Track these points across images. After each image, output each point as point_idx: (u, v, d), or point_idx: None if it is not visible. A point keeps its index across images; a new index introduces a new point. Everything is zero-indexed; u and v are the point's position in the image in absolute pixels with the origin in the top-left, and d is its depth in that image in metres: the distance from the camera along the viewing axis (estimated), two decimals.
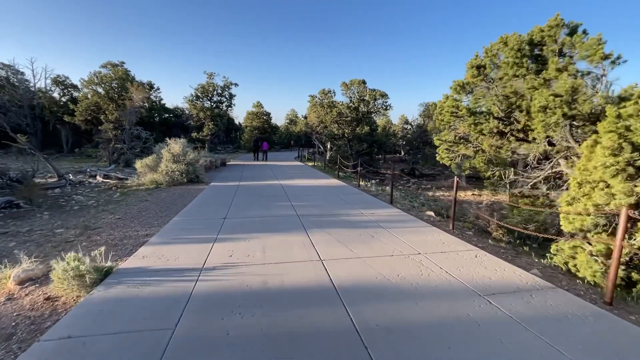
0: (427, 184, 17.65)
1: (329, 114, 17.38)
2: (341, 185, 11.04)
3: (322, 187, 10.39)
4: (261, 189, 9.91)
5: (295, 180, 12.26)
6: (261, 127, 41.75)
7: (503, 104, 5.75)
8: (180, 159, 11.68)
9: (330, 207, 7.17)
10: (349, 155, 17.70)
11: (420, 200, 10.46)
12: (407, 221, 6.14)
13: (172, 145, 11.94)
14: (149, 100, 29.64)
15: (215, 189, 9.99)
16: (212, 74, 21.28)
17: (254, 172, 15.30)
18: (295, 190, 9.68)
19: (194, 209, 6.85)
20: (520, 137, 6.11)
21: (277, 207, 7.08)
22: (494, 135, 6.32)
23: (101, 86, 20.02)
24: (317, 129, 20.13)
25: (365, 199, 8.57)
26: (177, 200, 8.38)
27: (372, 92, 17.04)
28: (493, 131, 6.15)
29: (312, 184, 11.32)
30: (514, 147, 6.19)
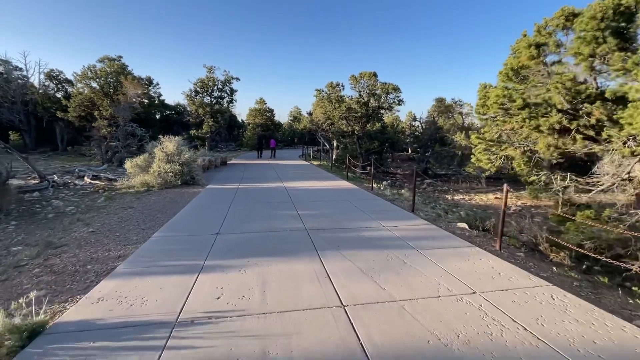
0: (443, 185, 16.49)
1: (337, 109, 16.18)
2: (352, 189, 9.94)
3: (331, 191, 9.30)
4: (263, 192, 8.85)
5: (300, 182, 11.19)
6: (264, 124, 40.70)
7: (569, 93, 4.59)
8: (174, 159, 10.65)
9: (343, 217, 6.09)
10: (357, 154, 16.54)
11: (442, 206, 9.34)
12: (440, 238, 5.04)
13: (166, 144, 10.91)
14: (147, 96, 28.73)
15: (211, 192, 8.94)
16: (211, 68, 20.25)
17: (256, 172, 14.25)
18: (301, 194, 8.61)
19: (183, 221, 5.80)
20: (588, 135, 4.95)
21: (280, 218, 6.01)
22: (553, 133, 5.17)
23: (95, 81, 19.05)
24: (322, 126, 19.04)
25: (382, 205, 7.47)
26: (167, 206, 7.34)
27: (383, 85, 15.84)
28: (554, 127, 5.00)
29: (320, 186, 10.23)
30: (577, 146, 5.03)
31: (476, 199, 11.79)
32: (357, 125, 16.12)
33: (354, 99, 16.14)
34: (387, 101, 16.05)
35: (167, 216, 6.36)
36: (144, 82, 28.79)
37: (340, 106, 15.99)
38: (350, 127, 16.10)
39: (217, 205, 7.14)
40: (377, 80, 15.94)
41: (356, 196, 8.52)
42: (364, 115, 16.18)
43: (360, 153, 16.68)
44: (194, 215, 6.23)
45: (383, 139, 17.38)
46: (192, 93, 20.00)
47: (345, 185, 10.55)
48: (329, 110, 16.58)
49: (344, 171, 15.69)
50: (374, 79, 15.94)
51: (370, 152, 16.72)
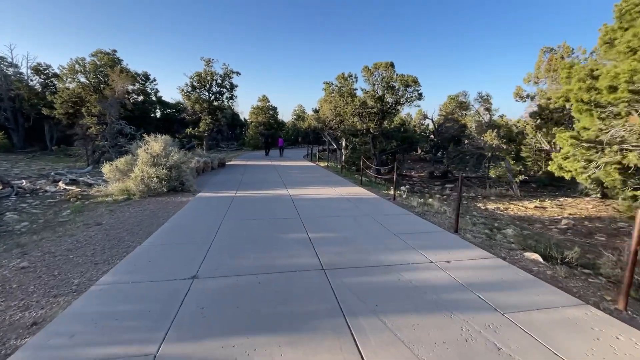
0: (467, 189, 14.86)
1: (349, 104, 14.49)
2: (370, 198, 8.39)
3: (347, 201, 7.74)
4: (263, 204, 7.32)
5: (308, 188, 9.64)
6: (267, 123, 39.27)
7: None
8: (161, 161, 9.17)
9: (371, 245, 4.54)
10: (371, 155, 14.92)
11: (481, 220, 7.74)
12: (521, 283, 3.48)
13: (151, 144, 9.42)
14: (143, 92, 27.35)
15: (201, 203, 7.42)
16: (210, 60, 18.71)
17: (257, 175, 12.73)
18: (311, 206, 7.06)
19: (151, 251, 4.27)
20: None
21: (285, 245, 4.47)
22: None
23: (85, 75, 17.65)
24: (330, 124, 17.50)
25: (414, 223, 5.91)
26: (143, 223, 5.85)
27: (402, 77, 14.14)
28: None
29: (332, 194, 8.68)
30: None
31: (513, 209, 10.18)
32: (373, 122, 14.45)
33: (369, 93, 14.44)
34: (405, 95, 14.38)
35: (137, 239, 4.87)
36: (139, 78, 27.48)
37: (354, 101, 14.29)
38: (365, 125, 14.44)
39: (203, 223, 5.62)
40: (394, 71, 14.27)
41: (378, 209, 6.96)
42: (379, 111, 14.51)
43: (374, 154, 15.04)
44: (169, 240, 4.70)
45: (402, 138, 15.70)
46: (188, 88, 18.55)
47: (361, 193, 8.98)
48: (340, 106, 14.89)
49: (355, 174, 14.15)
50: (391, 70, 14.24)
51: (386, 152, 15.13)
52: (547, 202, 11.18)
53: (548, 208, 10.38)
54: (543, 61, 15.55)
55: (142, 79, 28.07)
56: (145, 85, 28.56)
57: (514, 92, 17.07)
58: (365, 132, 14.56)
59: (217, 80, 19.13)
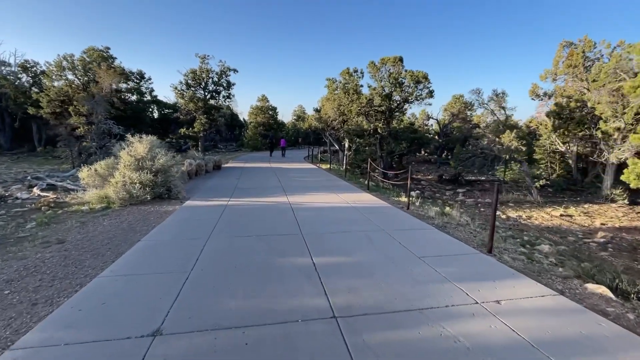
0: (481, 195, 13.91)
1: (355, 102, 13.48)
2: (381, 207, 7.45)
3: (355, 211, 6.80)
4: (259, 215, 6.37)
5: (310, 194, 8.70)
6: (266, 123, 38.33)
7: None
8: (146, 165, 8.23)
9: (395, 276, 3.60)
10: (377, 157, 13.93)
11: (508, 233, 6.79)
12: (610, 343, 2.53)
13: (135, 145, 8.49)
14: (138, 91, 26.42)
15: (186, 215, 6.47)
16: (205, 57, 17.76)
17: (254, 179, 11.79)
18: (315, 218, 6.12)
19: (110, 286, 3.34)
20: None
21: (284, 276, 3.54)
22: None
23: (73, 72, 16.73)
24: (332, 124, 16.56)
25: (439, 242, 4.97)
26: (114, 240, 4.93)
27: (412, 73, 13.13)
28: None
29: (338, 202, 7.73)
30: None
31: (537, 218, 9.25)
32: (380, 122, 13.45)
33: (377, 90, 13.43)
34: (414, 93, 13.38)
35: (101, 264, 3.96)
36: (134, 76, 26.55)
37: (360, 98, 13.28)
38: (373, 125, 13.43)
39: (185, 241, 4.67)
40: (402, 67, 13.28)
41: (393, 221, 6.02)
42: (387, 109, 13.52)
43: (380, 156, 14.06)
44: (137, 267, 3.76)
45: (411, 140, 14.69)
46: (182, 86, 17.61)
47: (370, 201, 8.04)
48: (344, 104, 13.89)
49: (360, 178, 13.21)
50: (399, 66, 13.26)
51: (394, 154, 14.16)
52: (572, 210, 10.22)
53: (575, 216, 9.43)
54: (562, 56, 14.60)
55: (137, 78, 27.15)
56: (140, 84, 27.65)
57: (529, 90, 16.14)
58: (373, 132, 13.53)
59: (213, 78, 18.19)
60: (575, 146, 15.25)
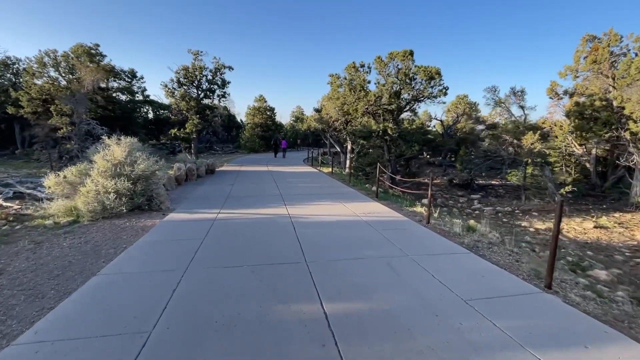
0: (498, 202, 12.90)
1: (361, 99, 12.37)
2: (396, 220, 6.42)
3: (369, 227, 5.76)
4: (252, 234, 5.31)
5: (313, 204, 7.66)
6: (264, 124, 37.26)
7: None
8: (124, 171, 7.17)
9: (445, 342, 2.58)
10: (385, 160, 12.86)
11: (546, 252, 5.76)
12: None
13: (112, 149, 7.43)
14: (129, 91, 25.33)
15: (165, 233, 5.41)
16: (198, 53, 16.65)
17: (250, 185, 10.74)
18: (321, 237, 5.08)
19: (35, 355, 2.26)
20: None
21: (284, 341, 2.49)
22: None
23: (56, 69, 15.65)
24: (334, 125, 15.56)
25: (482, 272, 3.95)
26: (66, 272, 3.91)
27: (425, 69, 12.03)
28: None
29: (346, 215, 6.69)
30: None
31: (569, 230, 8.25)
32: (390, 122, 12.35)
33: (386, 86, 12.30)
34: (426, 90, 12.28)
35: (34, 313, 2.92)
36: (125, 75, 25.48)
37: (367, 95, 12.17)
38: (382, 125, 12.31)
39: (155, 275, 3.62)
40: (413, 62, 12.24)
41: (416, 241, 4.99)
42: (396, 108, 12.45)
43: (388, 159, 12.99)
44: (76, 324, 2.72)
45: (425, 141, 13.57)
46: (173, 84, 16.53)
47: (382, 212, 7.00)
48: (349, 102, 12.78)
49: (367, 183, 12.17)
50: (410, 61, 12.22)
51: (404, 157, 13.10)
52: (604, 220, 9.24)
53: (610, 228, 8.45)
54: (584, 51, 13.63)
55: (128, 77, 26.08)
56: (131, 84, 26.56)
57: (547, 89, 15.16)
58: (382, 133, 12.44)
59: (207, 76, 17.14)
60: (595, 148, 14.31)
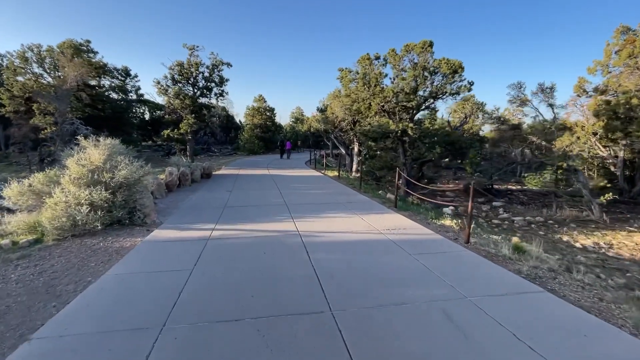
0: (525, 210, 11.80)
1: (377, 95, 11.14)
2: (429, 239, 5.34)
3: (399, 248, 4.67)
4: (255, 259, 4.21)
5: (326, 217, 6.56)
6: (263, 125, 36.16)
7: None
8: (102, 178, 6.06)
9: None
10: (400, 163, 11.71)
11: (614, 276, 4.69)
12: None
13: (88, 151, 6.33)
14: (122, 89, 24.22)
15: (144, 261, 4.30)
16: (194, 48, 15.51)
17: (250, 191, 9.63)
18: (347, 269, 3.99)
19: None
20: None
21: None
22: None
23: (40, 65, 14.53)
24: (340, 125, 14.48)
25: (578, 326, 2.85)
26: (2, 323, 2.75)
27: (447, 62, 10.86)
28: None
29: (368, 232, 5.60)
30: None
31: (619, 246, 7.17)
32: (409, 121, 11.12)
33: (408, 79, 11.08)
34: (447, 85, 11.10)
35: None
36: (119, 72, 24.37)
37: (384, 91, 10.96)
38: (401, 124, 11.12)
39: (118, 339, 2.50)
40: (432, 54, 11.07)
41: (467, 273, 3.90)
42: (415, 106, 11.29)
43: (403, 163, 11.84)
44: None
45: (447, 143, 12.33)
46: (167, 81, 15.40)
47: (408, 228, 5.91)
48: (363, 99, 11.57)
49: (380, 190, 11.08)
50: (428, 53, 11.05)
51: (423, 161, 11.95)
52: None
53: None
54: (617, 44, 12.59)
55: (122, 75, 24.96)
56: (125, 82, 25.44)
57: (575, 85, 14.11)
58: (400, 134, 11.27)
59: (203, 73, 16.04)
60: (622, 150, 13.28)
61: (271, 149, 37.02)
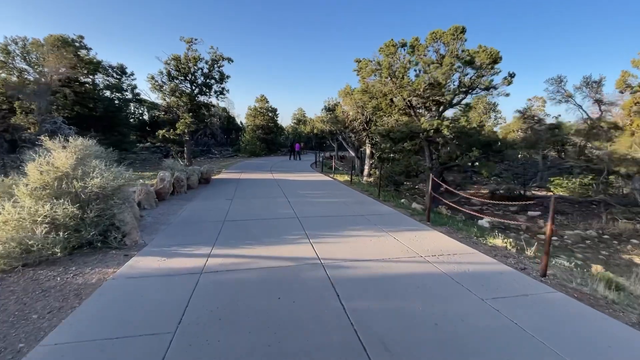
0: (569, 221, 10.52)
1: (405, 88, 9.57)
2: (491, 270, 4.09)
3: (458, 286, 3.42)
4: (266, 309, 2.96)
5: (348, 235, 5.29)
6: (265, 126, 34.96)
7: None
8: (71, 187, 4.87)
9: None
10: (426, 168, 10.38)
11: None
12: None
13: (55, 155, 5.14)
14: (116, 88, 23.05)
15: (112, 311, 3.03)
16: (191, 40, 14.28)
17: (253, 201, 8.37)
18: (396, 322, 2.72)
19: None
20: None
21: None
22: None
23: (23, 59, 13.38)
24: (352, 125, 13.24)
25: None
26: None
27: (485, 50, 9.39)
28: None
29: (409, 260, 4.35)
30: None
31: None
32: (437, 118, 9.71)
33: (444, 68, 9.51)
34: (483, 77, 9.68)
35: None
36: (114, 70, 23.22)
37: (413, 83, 9.38)
38: (435, 122, 9.69)
39: None
40: (464, 41, 9.61)
41: (573, 335, 2.62)
42: (448, 101, 9.96)
43: (430, 167, 10.50)
44: None
45: (483, 145, 10.90)
46: (162, 77, 14.17)
47: (456, 251, 4.65)
48: (385, 93, 10.17)
49: (400, 197, 9.80)
50: (459, 40, 9.63)
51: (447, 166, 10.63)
52: None
53: None
54: None
55: (117, 72, 23.79)
56: (121, 80, 24.27)
57: (618, 80, 12.85)
58: (434, 133, 9.87)
59: (202, 69, 14.84)
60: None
61: (273, 150, 35.83)
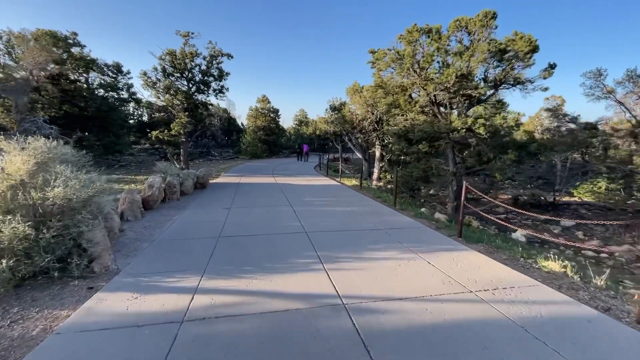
0: (610, 233, 9.49)
1: (431, 81, 8.31)
2: (571, 315, 3.05)
3: (541, 346, 2.37)
4: None
5: (370, 259, 4.29)
6: (267, 127, 34.00)
7: None
8: (28, 199, 3.88)
9: None
10: (450, 173, 9.34)
11: None
12: None
13: (8, 159, 4.16)
14: (112, 87, 22.14)
15: None
16: (188, 35, 13.28)
17: (254, 210, 7.35)
18: None
19: None
20: None
21: None
22: None
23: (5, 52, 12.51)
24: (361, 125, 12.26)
25: None
26: None
27: (522, 37, 8.19)
28: None
29: (454, 298, 3.34)
30: None
31: None
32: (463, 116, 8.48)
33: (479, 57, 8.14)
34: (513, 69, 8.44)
35: None
36: (109, 69, 22.33)
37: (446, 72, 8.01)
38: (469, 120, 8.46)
39: None
40: (492, 28, 8.39)
41: None
42: (478, 96, 8.92)
43: (454, 172, 9.44)
44: None
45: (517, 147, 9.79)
46: (157, 74, 13.23)
47: (508, 281, 3.64)
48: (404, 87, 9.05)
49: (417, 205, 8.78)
50: (489, 28, 8.46)
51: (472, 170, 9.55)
52: None
53: None
54: None
55: (113, 71, 22.89)
56: (117, 79, 23.36)
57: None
58: (466, 132, 8.79)
59: (200, 66, 13.88)
60: None
61: (275, 152, 34.90)
